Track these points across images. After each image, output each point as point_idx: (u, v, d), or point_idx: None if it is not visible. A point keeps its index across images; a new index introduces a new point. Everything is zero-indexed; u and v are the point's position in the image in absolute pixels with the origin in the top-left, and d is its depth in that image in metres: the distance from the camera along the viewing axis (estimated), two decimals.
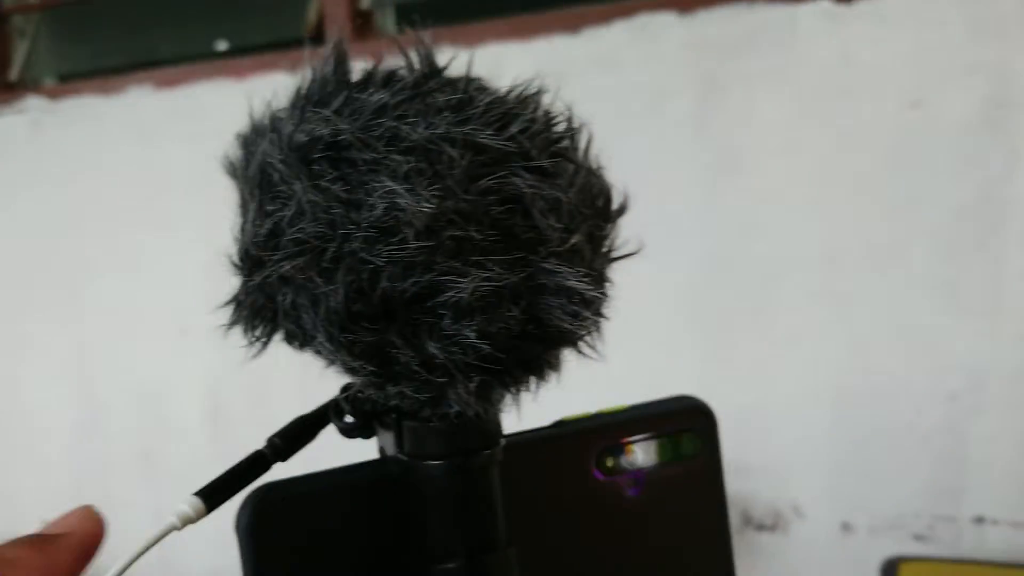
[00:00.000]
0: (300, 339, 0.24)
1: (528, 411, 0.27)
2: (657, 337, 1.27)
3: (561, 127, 0.25)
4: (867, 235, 1.16)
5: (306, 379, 0.26)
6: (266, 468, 0.27)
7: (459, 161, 0.21)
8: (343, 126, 0.22)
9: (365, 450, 0.29)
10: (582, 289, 0.22)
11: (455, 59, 0.24)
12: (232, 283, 0.24)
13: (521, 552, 0.28)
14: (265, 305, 0.24)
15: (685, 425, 0.31)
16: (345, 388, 0.27)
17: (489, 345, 0.22)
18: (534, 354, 0.23)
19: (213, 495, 0.25)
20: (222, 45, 1.68)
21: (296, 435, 0.27)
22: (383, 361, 0.23)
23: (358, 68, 0.24)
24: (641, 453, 0.31)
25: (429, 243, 0.21)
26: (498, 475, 0.26)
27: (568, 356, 0.26)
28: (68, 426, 1.64)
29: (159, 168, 1.50)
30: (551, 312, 0.22)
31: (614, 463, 0.30)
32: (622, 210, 0.26)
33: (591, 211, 0.24)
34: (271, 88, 0.26)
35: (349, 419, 0.27)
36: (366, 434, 0.28)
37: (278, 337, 0.25)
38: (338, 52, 0.23)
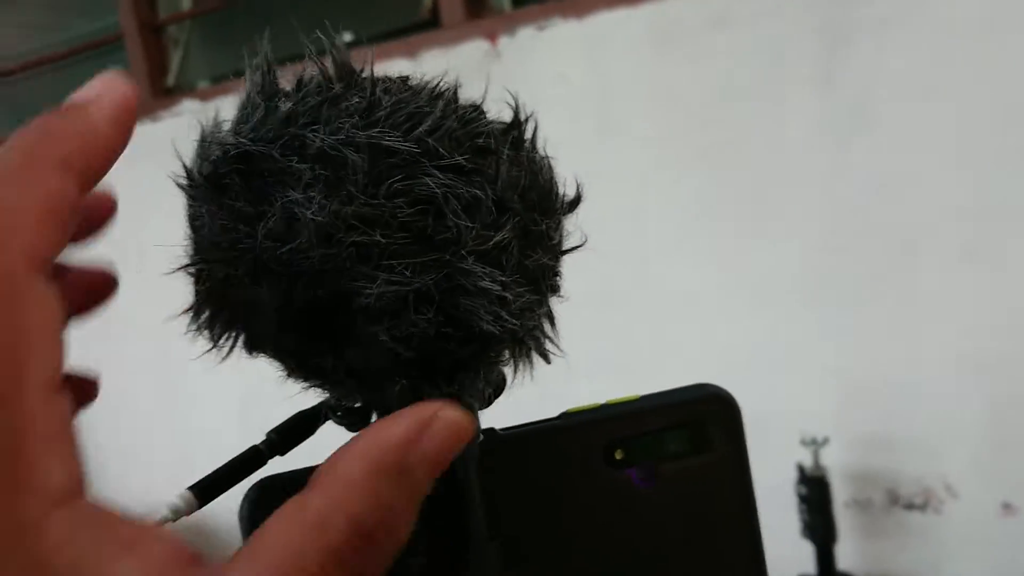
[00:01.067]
0: (248, 347, 0.25)
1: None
2: (789, 306, 1.20)
3: (485, 121, 0.24)
4: (1019, 187, 1.04)
5: None
6: (261, 464, 0.27)
7: (361, 165, 0.21)
8: (244, 140, 0.22)
9: None
10: (495, 290, 0.22)
11: (367, 63, 0.23)
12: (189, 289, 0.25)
13: (525, 546, 0.28)
14: (217, 313, 0.25)
15: (701, 416, 0.30)
16: None
17: (405, 348, 0.22)
18: (465, 355, 0.23)
19: (206, 490, 0.26)
20: (347, 37, 1.75)
21: (294, 430, 0.28)
22: (315, 368, 0.23)
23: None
24: (652, 445, 0.30)
25: (331, 250, 0.21)
26: (475, 470, 0.26)
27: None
28: (232, 413, 1.77)
29: None
30: (472, 313, 0.22)
31: (623, 455, 0.29)
32: (575, 201, 0.25)
33: (522, 206, 0.23)
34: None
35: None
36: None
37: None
38: (264, 65, 0.24)
